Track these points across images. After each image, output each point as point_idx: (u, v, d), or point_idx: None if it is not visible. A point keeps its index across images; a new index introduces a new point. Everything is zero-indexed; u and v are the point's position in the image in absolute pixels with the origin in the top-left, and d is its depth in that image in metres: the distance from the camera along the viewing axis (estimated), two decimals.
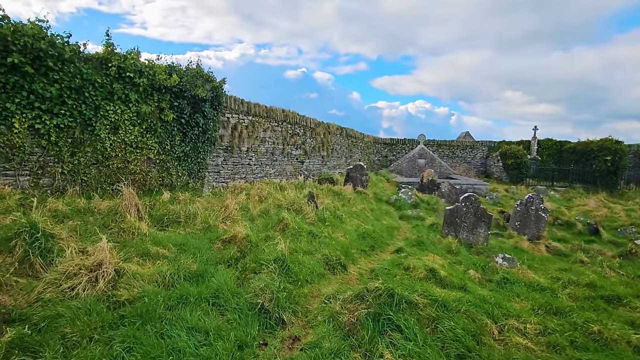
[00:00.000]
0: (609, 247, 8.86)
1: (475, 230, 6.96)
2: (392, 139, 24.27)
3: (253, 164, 10.30)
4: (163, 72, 6.75)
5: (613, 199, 17.33)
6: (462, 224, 6.99)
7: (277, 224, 5.23)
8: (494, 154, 22.30)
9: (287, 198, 6.70)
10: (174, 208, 4.97)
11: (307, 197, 6.60)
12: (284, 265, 3.77)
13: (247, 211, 5.92)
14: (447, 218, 7.05)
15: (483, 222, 6.92)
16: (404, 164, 20.47)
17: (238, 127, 9.47)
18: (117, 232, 3.96)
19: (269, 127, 11.02)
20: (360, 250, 5.37)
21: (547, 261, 6.60)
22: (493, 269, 4.99)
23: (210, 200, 6.53)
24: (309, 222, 5.84)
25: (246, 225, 5.34)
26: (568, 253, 7.85)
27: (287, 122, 12.06)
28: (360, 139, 20.10)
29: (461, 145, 24.26)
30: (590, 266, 6.06)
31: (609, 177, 18.93)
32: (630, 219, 12.67)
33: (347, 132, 17.89)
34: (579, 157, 20.80)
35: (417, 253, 5.56)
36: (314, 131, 14.08)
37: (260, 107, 10.53)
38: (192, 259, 3.83)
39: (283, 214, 5.39)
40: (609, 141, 19.29)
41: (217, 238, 4.54)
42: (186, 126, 7.52)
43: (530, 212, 8.63)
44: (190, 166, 7.79)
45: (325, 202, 7.21)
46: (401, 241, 6.80)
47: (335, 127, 16.34)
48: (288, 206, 6.36)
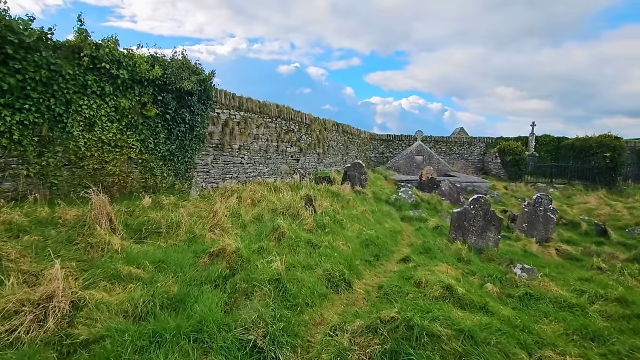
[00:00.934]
0: (619, 250, 8.49)
1: (484, 235, 6.49)
2: (389, 135, 23.78)
3: (245, 163, 9.70)
4: (144, 62, 6.11)
5: (613, 196, 17.07)
6: (471, 228, 6.51)
7: (272, 233, 4.68)
8: (492, 151, 21.94)
9: (283, 201, 6.14)
10: (155, 216, 4.38)
11: (305, 200, 6.05)
12: (281, 287, 3.23)
13: (239, 217, 5.36)
14: (455, 221, 6.57)
15: (493, 225, 6.45)
16: (402, 161, 20.00)
17: (229, 123, 8.85)
18: (84, 248, 3.38)
19: (262, 123, 10.41)
20: (364, 260, 4.85)
21: (562, 267, 6.16)
22: (512, 281, 4.50)
23: (197, 205, 5.94)
24: (307, 229, 5.30)
25: (237, 234, 4.78)
26: (580, 257, 7.45)
27: (281, 117, 11.46)
28: (356, 135, 19.57)
29: (458, 142, 23.86)
30: (610, 274, 5.63)
31: (608, 174, 18.69)
32: (634, 218, 12.36)
33: (343, 128, 17.34)
34: (577, 153, 20.53)
35: (425, 262, 5.06)
36: (310, 127, 13.50)
37: (252, 101, 9.92)
38: (172, 278, 3.27)
39: (278, 221, 4.84)
40: (608, 137, 19.02)
41: (204, 251, 3.97)
42: (171, 122, 6.89)
43: (539, 213, 8.19)
44: (177, 166, 7.18)
45: (324, 204, 6.67)
46: (406, 247, 6.29)
47: (332, 123, 15.77)
48: (283, 211, 5.81)
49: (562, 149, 22.14)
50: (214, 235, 4.58)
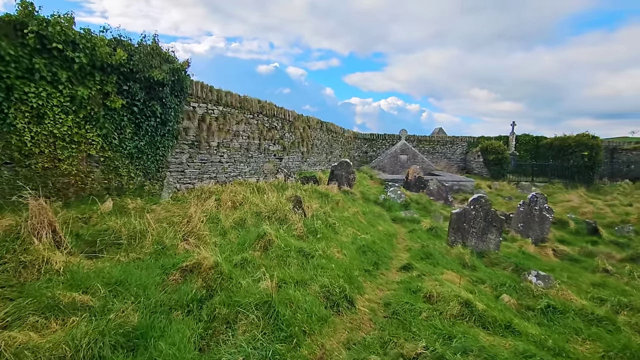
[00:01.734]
0: (613, 249, 8.33)
1: (485, 237, 6.07)
2: (372, 135, 23.43)
3: (225, 162, 8.94)
4: (105, 45, 5.29)
5: (592, 194, 17.35)
6: (471, 230, 6.07)
7: (257, 241, 4.02)
8: (474, 150, 21.99)
9: (268, 203, 5.48)
10: (114, 223, 3.61)
11: (293, 202, 5.41)
12: (271, 312, 2.59)
13: (217, 222, 4.65)
14: (454, 223, 6.11)
15: (494, 227, 6.04)
16: (386, 160, 19.66)
17: (206, 118, 8.07)
18: (14, 269, 2.61)
19: (243, 119, 9.67)
20: (364, 270, 4.26)
21: (568, 271, 5.80)
22: (527, 290, 4.04)
23: (169, 209, 5.18)
24: (297, 235, 4.66)
25: (216, 243, 4.09)
26: (578, 258, 7.19)
27: (263, 114, 10.74)
28: (340, 134, 19.06)
29: (441, 141, 23.82)
30: (619, 277, 5.31)
31: (586, 172, 19.05)
32: (618, 216, 12.44)
33: (327, 126, 16.78)
34: (556, 152, 20.86)
35: (429, 270, 4.54)
36: (293, 125, 12.84)
37: (232, 96, 9.17)
38: (132, 305, 2.57)
39: (264, 227, 4.18)
40: (585, 137, 19.40)
41: (175, 265, 3.27)
42: (140, 116, 6.08)
43: (534, 213, 7.90)
44: (146, 165, 6.36)
45: (313, 206, 6.05)
46: (404, 252, 5.77)
47: (315, 121, 15.17)
48: (269, 214, 5.15)
49: (541, 148, 22.48)
50: (188, 246, 3.87)
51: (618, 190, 18.14)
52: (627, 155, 21.21)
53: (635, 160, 20.68)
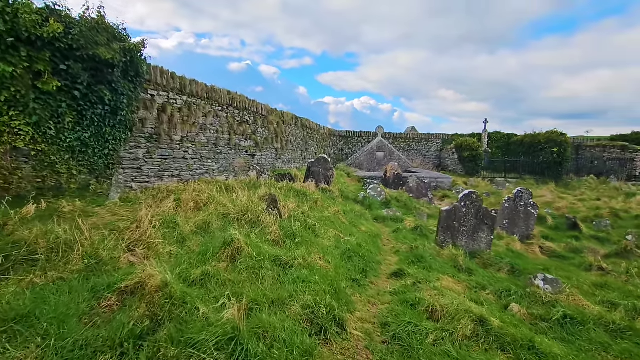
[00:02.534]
0: (594, 244, 8.24)
1: (476, 236, 5.63)
2: (348, 132, 22.99)
3: (190, 158, 8.04)
4: (33, 13, 4.33)
5: (561, 189, 17.79)
6: (461, 229, 5.62)
7: (223, 249, 3.29)
8: (449, 147, 22.09)
9: (237, 204, 4.72)
10: (26, 234, 2.76)
11: (267, 201, 4.69)
12: (238, 351, 1.89)
13: (175, 228, 3.85)
14: (444, 221, 5.63)
15: (486, 225, 5.62)
16: (363, 157, 19.25)
17: (167, 108, 7.16)
18: None
19: (211, 111, 8.80)
20: (351, 280, 3.63)
21: (561, 270, 5.48)
22: (536, 296, 3.58)
23: (117, 212, 4.31)
24: (271, 240, 3.96)
25: (171, 253, 3.32)
26: (565, 254, 6.96)
27: (234, 106, 9.90)
28: (316, 130, 18.43)
29: (416, 138, 23.78)
30: (616, 275, 5.02)
31: (555, 168, 19.57)
32: (589, 210, 12.64)
33: (302, 122, 16.10)
34: (526, 149, 21.33)
35: (424, 277, 3.99)
36: (267, 119, 12.06)
37: (198, 85, 8.27)
38: (35, 351, 1.79)
39: (232, 231, 3.45)
40: (554, 134, 19.92)
41: (111, 287, 2.49)
42: (83, 102, 5.14)
43: (520, 209, 7.63)
44: (93, 160, 5.42)
45: (290, 206, 5.36)
46: (392, 255, 5.21)
47: (290, 116, 14.44)
48: (239, 216, 4.41)
49: (512, 145, 22.95)
50: (135, 258, 3.08)
51: (585, 185, 18.73)
52: (591, 152, 22.05)
53: (599, 156, 21.53)
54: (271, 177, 8.64)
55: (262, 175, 8.15)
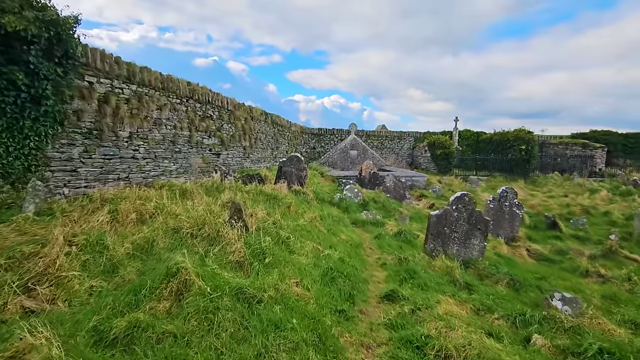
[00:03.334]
0: (576, 243, 8.05)
1: (468, 242, 5.08)
2: (321, 129, 22.26)
3: (141, 158, 6.94)
4: None
5: (530, 186, 18.12)
6: (453, 235, 5.04)
7: (165, 282, 2.41)
8: (421, 145, 21.98)
9: (193, 214, 3.81)
10: None
11: (230, 210, 3.81)
12: None
13: (103, 252, 2.90)
14: (433, 227, 5.02)
15: (479, 230, 5.07)
16: (336, 156, 18.61)
17: (111, 99, 6.04)
18: None
19: (168, 104, 7.71)
20: (337, 312, 2.87)
21: (555, 276, 5.04)
22: (556, 322, 3.00)
23: (27, 229, 3.27)
24: (235, 261, 3.12)
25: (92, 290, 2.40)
26: (553, 257, 6.62)
27: (195, 99, 8.83)
28: (287, 127, 17.54)
29: (389, 136, 23.50)
30: (618, 282, 4.63)
31: (524, 165, 19.95)
32: (561, 207, 12.75)
33: (273, 119, 15.16)
34: (495, 147, 21.64)
35: (421, 299, 3.31)
36: (233, 115, 11.04)
37: (151, 73, 7.17)
38: None
39: (178, 257, 2.58)
40: (522, 131, 20.31)
41: None
42: None
43: (504, 209, 7.24)
44: (6, 161, 4.28)
45: (258, 214, 4.52)
46: (379, 269, 4.52)
47: (259, 112, 13.48)
48: (193, 230, 3.51)
49: (481, 142, 23.25)
50: (32, 302, 2.15)
51: (551, 182, 19.22)
52: (554, 149, 22.79)
53: (562, 154, 22.28)
54: (238, 178, 7.71)
55: (227, 177, 7.20)
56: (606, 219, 11.06)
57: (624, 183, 17.74)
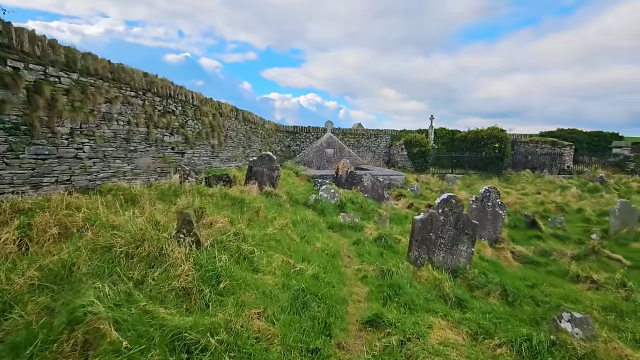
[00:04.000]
0: (557, 243, 7.89)
1: (455, 249, 4.62)
2: (296, 127, 21.59)
3: (87, 157, 6.05)
4: None
5: (504, 184, 18.31)
6: (439, 241, 4.57)
7: (67, 333, 1.71)
8: (398, 143, 21.79)
9: (129, 228, 3.08)
10: None
11: (178, 222, 3.12)
12: None
13: None
14: (418, 233, 4.52)
15: (466, 235, 4.63)
16: (312, 154, 18.01)
17: (44, 89, 5.13)
18: None
19: (119, 96, 6.82)
20: (308, 352, 2.26)
21: (547, 283, 4.69)
22: (567, 348, 2.54)
23: None
24: (179, 288, 2.45)
25: None
26: (537, 259, 6.34)
27: (153, 92, 7.95)
28: (260, 125, 16.74)
29: (365, 134, 23.18)
30: (612, 289, 4.32)
31: (497, 163, 20.19)
32: (535, 205, 12.78)
33: (245, 115, 14.35)
34: (470, 145, 21.81)
35: (410, 324, 2.78)
36: (200, 110, 10.18)
37: (97, 61, 6.26)
38: None
39: (86, 298, 1.88)
40: (496, 130, 20.54)
41: None
42: None
43: (487, 210, 6.91)
44: None
45: (218, 224, 3.84)
46: (359, 283, 3.96)
47: (230, 108, 12.65)
48: (130, 249, 2.79)
49: (456, 140, 23.42)
50: None
51: (523, 179, 19.52)
52: (525, 147, 23.28)
53: (532, 151, 22.79)
54: (201, 180, 6.93)
55: (189, 178, 6.42)
56: (580, 216, 11.14)
57: (590, 180, 18.26)
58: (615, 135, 25.39)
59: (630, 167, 22.28)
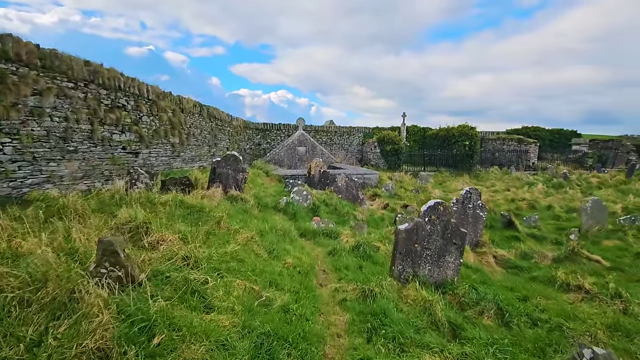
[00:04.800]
0: (534, 243, 7.76)
1: (442, 260, 4.16)
2: (266, 124, 20.72)
3: (9, 160, 5.04)
4: None
5: (474, 181, 18.49)
6: (424, 253, 4.08)
7: None
8: (370, 141, 21.52)
9: (31, 261, 2.29)
10: None
11: (98, 253, 2.36)
12: None
13: None
14: (402, 245, 4.01)
15: (454, 245, 4.18)
16: (283, 153, 17.27)
17: None
18: None
19: (53, 87, 5.80)
20: None
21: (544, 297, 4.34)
22: None
23: None
24: (93, 351, 1.73)
25: None
26: (519, 263, 6.08)
27: (98, 84, 6.93)
28: (227, 122, 15.77)
29: (338, 132, 22.72)
30: (607, 300, 4.02)
31: (467, 160, 20.41)
32: (507, 202, 12.80)
33: (210, 112, 13.36)
34: (441, 142, 21.95)
35: None
36: (157, 106, 9.18)
37: (20, 44, 5.24)
38: None
39: None
40: (466, 127, 20.75)
41: None
42: None
43: (468, 212, 6.58)
44: None
45: (166, 243, 3.11)
46: (337, 309, 3.36)
47: (192, 104, 11.65)
48: (26, 293, 2.02)
49: (427, 138, 23.52)
50: None
51: (492, 176, 19.84)
52: (493, 144, 23.79)
53: (499, 148, 23.31)
54: (154, 184, 6.07)
55: (137, 183, 5.54)
56: (550, 214, 11.21)
57: (554, 176, 18.84)
58: (574, 132, 26.56)
59: (589, 163, 23.39)
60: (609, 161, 24.19)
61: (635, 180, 18.55)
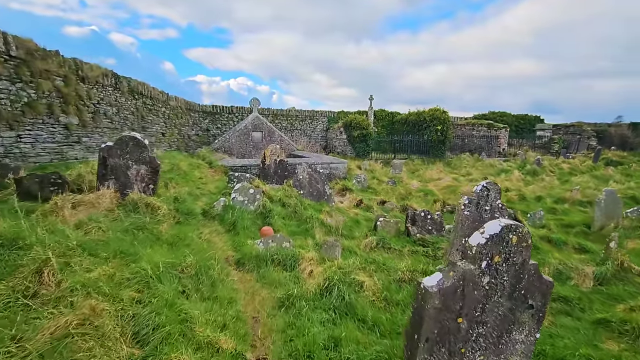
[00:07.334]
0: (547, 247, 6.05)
1: (506, 339, 2.05)
2: (216, 107, 17.75)
3: None
4: None
5: (448, 169, 17.05)
6: (475, 332, 1.93)
7: None
8: (336, 126, 19.34)
9: None
10: None
11: None
12: None
13: None
14: (432, 324, 1.82)
15: (528, 308, 2.05)
16: (234, 139, 14.56)
17: None
18: None
19: None
20: None
21: None
22: None
23: None
24: None
25: None
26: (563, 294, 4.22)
27: None
28: (161, 101, 12.73)
29: (300, 116, 20.29)
30: None
31: (439, 147, 18.95)
32: None
33: (132, 85, 10.34)
34: (411, 127, 20.31)
35: None
36: (30, 68, 6.23)
37: None
38: None
39: None
40: (438, 111, 19.19)
41: None
42: None
43: (485, 217, 4.58)
44: None
45: None
46: None
47: (100, 72, 8.65)
48: None
49: (396, 123, 21.80)
50: None
51: (464, 162, 18.53)
52: (462, 130, 22.61)
53: (469, 134, 22.19)
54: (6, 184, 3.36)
55: None
56: (542, 205, 9.77)
57: (526, 162, 17.92)
58: (538, 118, 26.27)
59: (555, 149, 23.07)
60: (571, 146, 24.08)
61: (601, 165, 18.20)
